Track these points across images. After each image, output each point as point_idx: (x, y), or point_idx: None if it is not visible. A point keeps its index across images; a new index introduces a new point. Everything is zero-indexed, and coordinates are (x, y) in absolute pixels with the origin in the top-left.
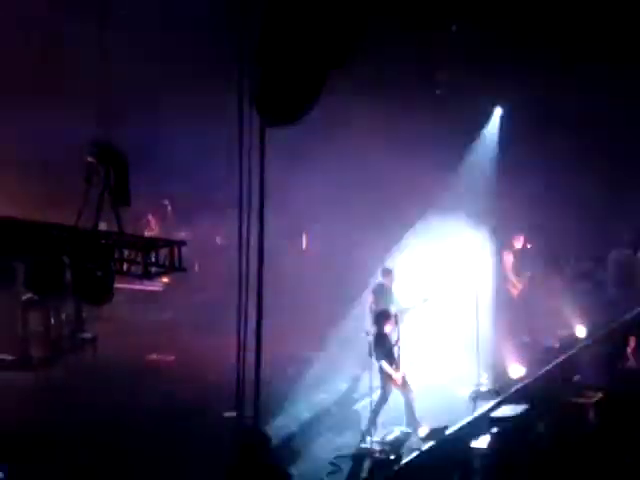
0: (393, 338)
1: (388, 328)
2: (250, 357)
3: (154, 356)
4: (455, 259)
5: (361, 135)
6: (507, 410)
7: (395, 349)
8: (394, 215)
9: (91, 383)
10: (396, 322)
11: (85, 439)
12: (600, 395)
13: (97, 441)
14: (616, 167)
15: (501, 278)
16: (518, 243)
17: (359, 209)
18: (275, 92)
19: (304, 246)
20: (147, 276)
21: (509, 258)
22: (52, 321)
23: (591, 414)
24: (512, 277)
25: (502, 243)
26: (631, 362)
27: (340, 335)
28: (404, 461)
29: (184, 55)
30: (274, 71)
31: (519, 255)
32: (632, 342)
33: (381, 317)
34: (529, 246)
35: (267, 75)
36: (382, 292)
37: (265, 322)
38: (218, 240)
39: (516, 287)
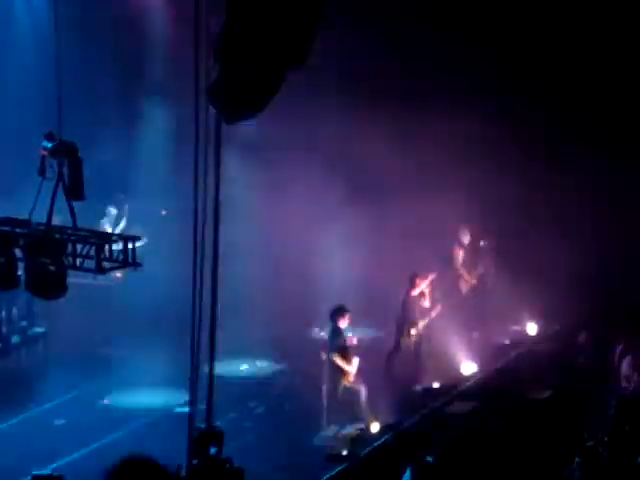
0: (347, 334)
1: (343, 324)
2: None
3: (108, 350)
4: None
5: None
6: (459, 406)
7: (348, 344)
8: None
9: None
10: (352, 318)
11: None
12: (550, 392)
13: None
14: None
15: (452, 274)
16: (466, 238)
17: None
18: (233, 89)
19: None
20: (100, 271)
21: (459, 253)
22: (3, 315)
23: (541, 411)
24: (464, 273)
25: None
26: (581, 359)
27: (293, 331)
28: (357, 456)
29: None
30: (232, 68)
31: (469, 250)
32: (582, 339)
33: (336, 312)
34: (482, 243)
35: (224, 71)
36: (409, 298)
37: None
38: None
39: (467, 282)
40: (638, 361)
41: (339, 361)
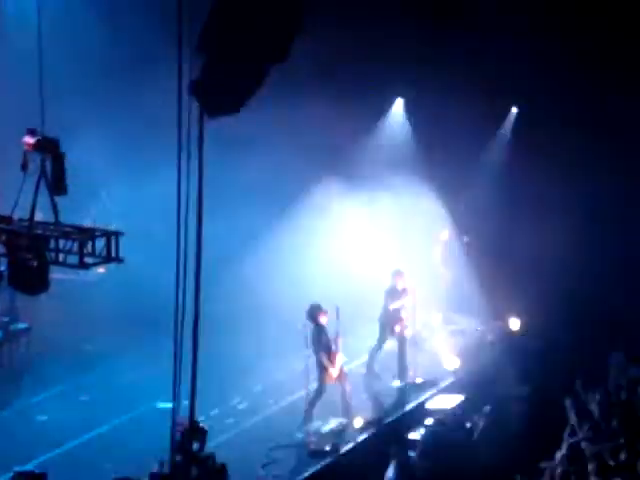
0: (331, 331)
1: (323, 319)
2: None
3: (90, 347)
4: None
5: None
6: (442, 401)
7: (333, 342)
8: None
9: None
10: (337, 316)
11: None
12: (533, 387)
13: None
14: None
15: (432, 270)
16: (444, 236)
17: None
18: (216, 83)
19: None
20: (83, 266)
21: (437, 250)
22: None
23: (523, 406)
24: (441, 269)
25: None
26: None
27: (277, 326)
28: (340, 452)
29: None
30: (216, 62)
31: (446, 247)
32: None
33: (314, 310)
34: (465, 239)
35: (209, 66)
36: (393, 294)
37: (202, 312)
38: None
39: (444, 279)
40: None
41: (324, 359)
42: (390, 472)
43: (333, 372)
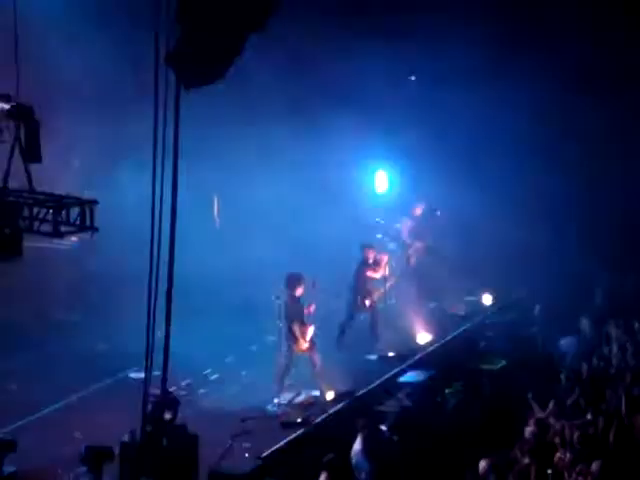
0: (305, 302)
1: (299, 291)
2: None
3: (62, 316)
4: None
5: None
6: (413, 375)
7: (306, 313)
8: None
9: None
10: (313, 287)
11: None
12: (504, 362)
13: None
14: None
15: (402, 245)
16: (418, 211)
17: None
18: (193, 53)
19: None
20: (57, 235)
21: (407, 225)
22: None
23: (495, 380)
24: (410, 243)
25: None
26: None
27: (250, 297)
28: (311, 424)
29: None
30: (193, 31)
31: (418, 222)
32: (537, 310)
33: (293, 280)
34: (439, 213)
35: (185, 36)
36: (364, 267)
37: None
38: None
39: (413, 254)
40: None
41: (296, 330)
42: (357, 445)
43: (304, 343)
